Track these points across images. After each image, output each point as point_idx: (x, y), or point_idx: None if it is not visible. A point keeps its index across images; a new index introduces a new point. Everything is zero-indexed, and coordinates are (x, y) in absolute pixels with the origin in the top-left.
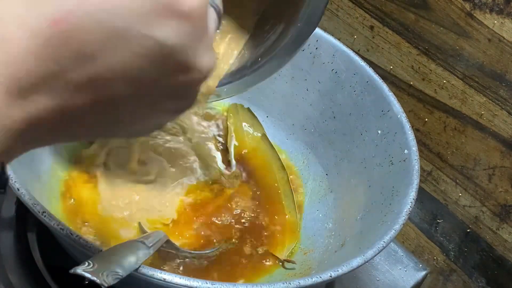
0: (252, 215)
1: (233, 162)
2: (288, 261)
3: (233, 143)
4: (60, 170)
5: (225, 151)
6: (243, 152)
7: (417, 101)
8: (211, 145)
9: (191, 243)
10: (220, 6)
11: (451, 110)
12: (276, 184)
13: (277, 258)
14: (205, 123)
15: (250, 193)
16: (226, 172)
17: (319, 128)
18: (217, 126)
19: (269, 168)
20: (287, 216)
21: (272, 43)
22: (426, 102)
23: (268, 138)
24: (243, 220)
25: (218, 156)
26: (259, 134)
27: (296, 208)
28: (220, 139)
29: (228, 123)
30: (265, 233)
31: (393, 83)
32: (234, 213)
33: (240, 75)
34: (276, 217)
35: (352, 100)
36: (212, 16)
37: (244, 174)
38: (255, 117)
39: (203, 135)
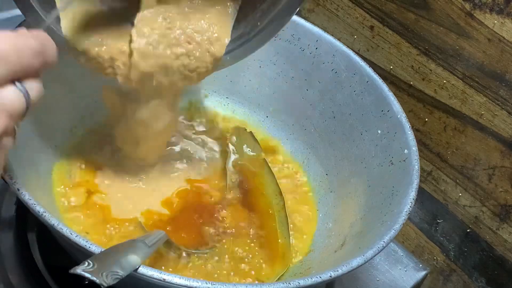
0: (243, 236)
1: (228, 182)
2: None
3: (230, 164)
4: (59, 171)
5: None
6: (241, 174)
7: (417, 101)
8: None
9: (184, 243)
10: (33, 93)
11: (451, 110)
12: (270, 210)
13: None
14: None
15: (244, 215)
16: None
17: (319, 128)
18: (219, 146)
19: (266, 192)
20: (279, 241)
21: (268, 5)
22: (426, 102)
23: (267, 163)
24: (231, 238)
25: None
26: (260, 158)
27: (289, 235)
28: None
29: (229, 144)
30: (255, 257)
31: (393, 83)
32: (227, 231)
33: (241, 42)
34: (268, 242)
35: (352, 100)
36: (14, 99)
37: (240, 196)
38: (257, 141)
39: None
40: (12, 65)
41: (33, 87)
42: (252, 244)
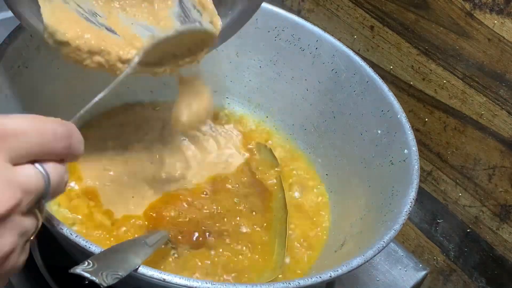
0: (242, 242)
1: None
2: None
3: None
4: None
5: None
6: (252, 183)
7: (417, 101)
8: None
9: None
10: (54, 177)
11: (451, 110)
12: (272, 220)
13: None
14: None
15: (247, 221)
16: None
17: (319, 128)
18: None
19: (272, 206)
20: (274, 251)
21: None
22: (426, 102)
23: (281, 179)
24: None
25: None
26: (275, 173)
27: (285, 249)
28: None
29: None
30: (251, 262)
31: (393, 83)
32: (228, 235)
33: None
34: (265, 250)
35: (352, 100)
36: (30, 176)
37: (246, 203)
38: (275, 157)
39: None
40: (33, 144)
41: (55, 171)
42: (248, 252)
